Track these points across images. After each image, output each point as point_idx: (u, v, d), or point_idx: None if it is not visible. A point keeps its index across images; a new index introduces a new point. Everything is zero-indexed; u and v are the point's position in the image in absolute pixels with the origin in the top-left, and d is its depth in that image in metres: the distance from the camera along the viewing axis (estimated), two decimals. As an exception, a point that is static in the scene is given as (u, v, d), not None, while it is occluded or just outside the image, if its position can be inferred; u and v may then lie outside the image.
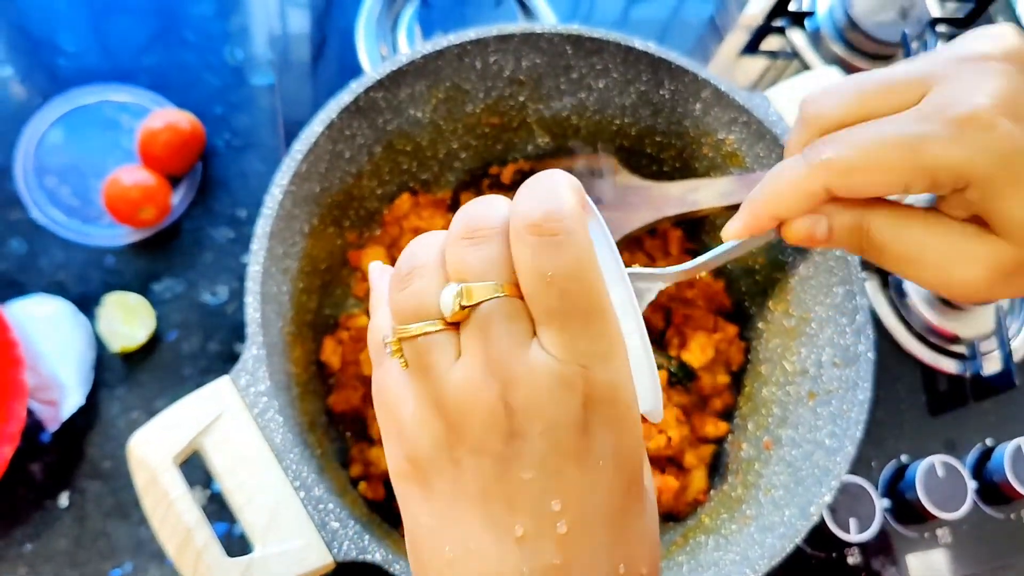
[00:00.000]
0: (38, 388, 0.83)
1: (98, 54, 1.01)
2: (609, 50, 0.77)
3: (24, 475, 0.82)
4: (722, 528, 0.75)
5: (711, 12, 1.16)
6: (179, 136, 0.92)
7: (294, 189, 0.69)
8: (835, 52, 1.10)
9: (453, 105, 0.81)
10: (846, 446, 0.69)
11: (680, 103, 0.79)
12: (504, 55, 0.77)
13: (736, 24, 1.15)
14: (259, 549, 0.58)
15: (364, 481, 0.77)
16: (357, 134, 0.75)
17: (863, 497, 0.86)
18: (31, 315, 0.85)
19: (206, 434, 0.60)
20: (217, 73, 1.02)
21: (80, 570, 0.80)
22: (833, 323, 0.76)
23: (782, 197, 0.40)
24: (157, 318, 0.89)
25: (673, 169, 0.86)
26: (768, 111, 0.76)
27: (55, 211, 0.92)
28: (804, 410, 0.77)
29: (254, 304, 0.64)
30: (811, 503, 0.68)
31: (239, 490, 0.60)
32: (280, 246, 0.69)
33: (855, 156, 0.37)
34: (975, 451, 0.96)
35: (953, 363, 0.99)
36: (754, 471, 0.79)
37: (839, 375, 0.74)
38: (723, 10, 1.16)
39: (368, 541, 0.60)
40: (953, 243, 0.38)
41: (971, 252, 0.37)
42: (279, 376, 0.67)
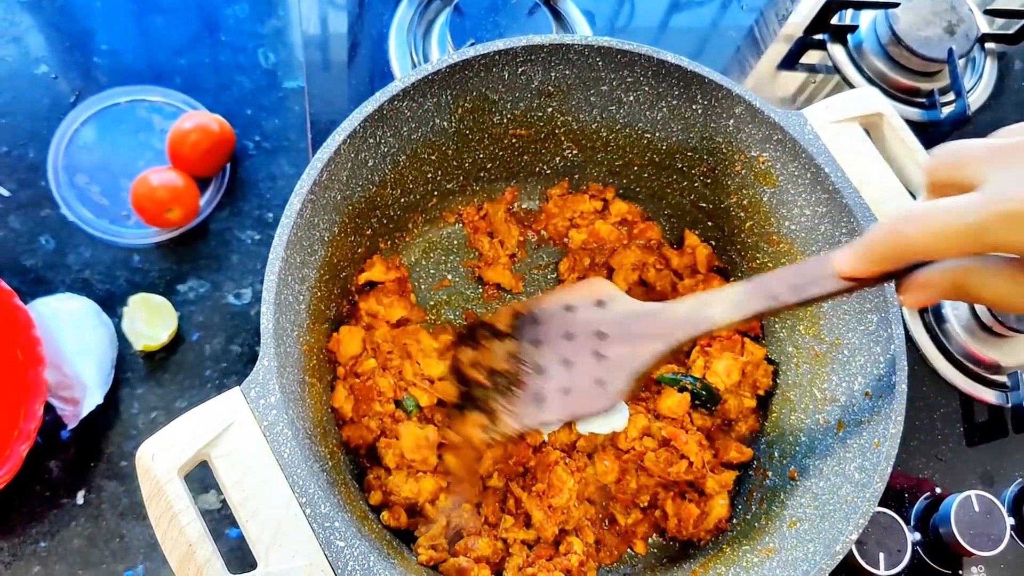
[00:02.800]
0: (59, 385, 0.83)
1: (133, 54, 1.02)
2: (640, 63, 0.75)
3: (42, 472, 0.83)
4: (743, 559, 0.73)
5: (751, 23, 1.13)
6: (208, 138, 0.92)
7: (314, 198, 0.68)
8: (878, 67, 1.06)
9: (480, 115, 0.79)
10: (875, 481, 0.66)
11: (712, 118, 0.77)
12: (533, 66, 0.75)
13: (776, 36, 1.12)
14: (262, 567, 0.57)
15: (386, 510, 0.76)
16: (381, 143, 0.74)
17: (894, 530, 0.83)
18: (56, 312, 0.85)
19: (213, 446, 0.59)
20: (249, 75, 1.02)
21: (93, 570, 0.80)
22: (866, 351, 0.73)
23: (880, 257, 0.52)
24: (181, 319, 0.89)
25: (704, 185, 0.84)
26: (804, 129, 0.73)
27: (84, 209, 0.92)
28: (833, 440, 0.74)
29: (268, 315, 0.63)
30: (837, 540, 0.65)
31: (244, 504, 0.59)
32: (298, 255, 0.68)
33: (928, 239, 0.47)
34: (1015, 486, 0.92)
35: (993, 393, 0.95)
36: (779, 501, 0.76)
37: (870, 406, 0.71)
38: (763, 22, 1.13)
39: (374, 561, 0.59)
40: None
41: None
42: (292, 387, 0.66)
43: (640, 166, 0.86)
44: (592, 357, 0.68)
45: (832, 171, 0.72)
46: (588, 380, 0.67)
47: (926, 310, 0.97)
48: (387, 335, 0.82)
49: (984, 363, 0.95)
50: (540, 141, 0.85)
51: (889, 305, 0.70)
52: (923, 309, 0.97)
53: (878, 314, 0.71)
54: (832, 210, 0.74)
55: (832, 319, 0.77)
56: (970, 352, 0.95)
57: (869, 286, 0.55)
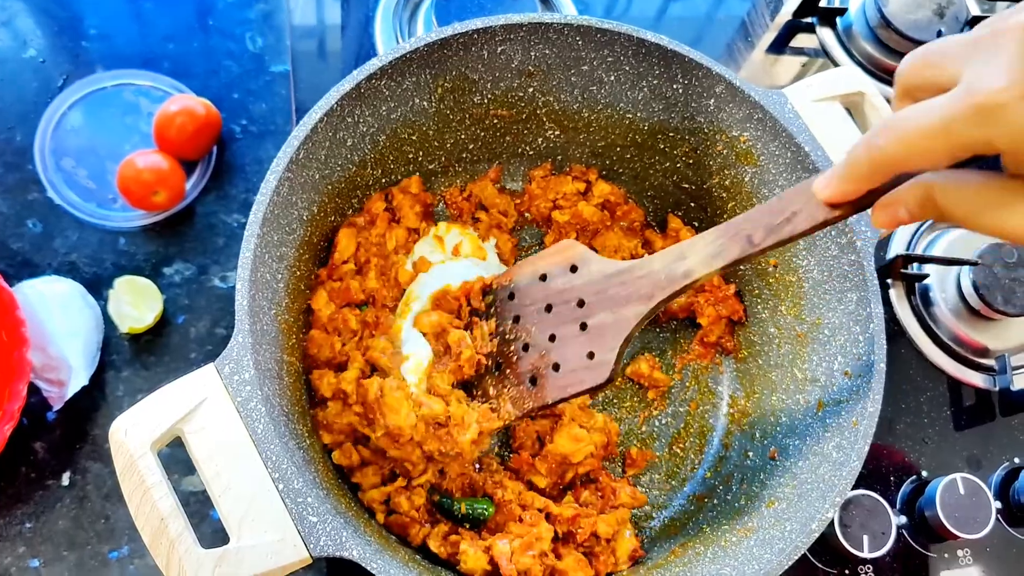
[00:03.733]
0: (45, 367, 0.83)
1: (122, 38, 1.02)
2: (620, 42, 0.74)
3: (27, 453, 0.83)
4: (722, 539, 0.72)
5: (743, 13, 1.13)
6: (194, 121, 0.92)
7: (291, 176, 0.68)
8: (867, 50, 1.06)
9: (460, 95, 0.79)
10: (852, 460, 0.66)
11: (693, 98, 0.77)
12: (512, 45, 0.75)
13: (769, 26, 1.11)
14: (234, 541, 0.58)
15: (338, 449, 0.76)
16: (359, 122, 0.74)
17: (878, 512, 0.83)
18: (42, 295, 0.86)
19: (187, 421, 0.60)
20: (237, 60, 1.02)
21: (78, 551, 0.80)
22: (846, 331, 0.73)
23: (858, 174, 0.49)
24: (166, 301, 0.90)
25: (686, 166, 0.84)
26: (785, 108, 0.73)
27: (71, 193, 0.93)
28: (813, 420, 0.74)
29: (243, 291, 0.63)
30: (813, 518, 0.65)
31: (217, 478, 0.59)
32: (275, 233, 0.68)
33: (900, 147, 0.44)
34: (1001, 470, 0.92)
35: (980, 376, 0.95)
36: (759, 481, 0.76)
37: (849, 385, 0.71)
38: (755, 11, 1.12)
39: (346, 537, 0.59)
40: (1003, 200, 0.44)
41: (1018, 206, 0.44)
42: (269, 364, 0.66)
43: (622, 147, 0.86)
44: (577, 328, 0.66)
45: (812, 150, 0.72)
46: (578, 354, 0.66)
47: (913, 293, 0.96)
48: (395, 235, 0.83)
49: (972, 346, 0.95)
50: (522, 122, 0.84)
51: (869, 284, 0.70)
52: (910, 293, 0.97)
53: (857, 293, 0.71)
54: (812, 189, 0.73)
55: (813, 299, 0.77)
56: (958, 336, 0.95)
57: (852, 212, 0.52)
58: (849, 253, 0.72)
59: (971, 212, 0.46)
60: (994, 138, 0.41)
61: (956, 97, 0.42)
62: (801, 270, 0.78)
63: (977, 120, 0.41)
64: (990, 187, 0.45)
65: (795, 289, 0.79)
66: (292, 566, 0.58)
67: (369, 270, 0.81)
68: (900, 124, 0.44)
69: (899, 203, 0.49)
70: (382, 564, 0.59)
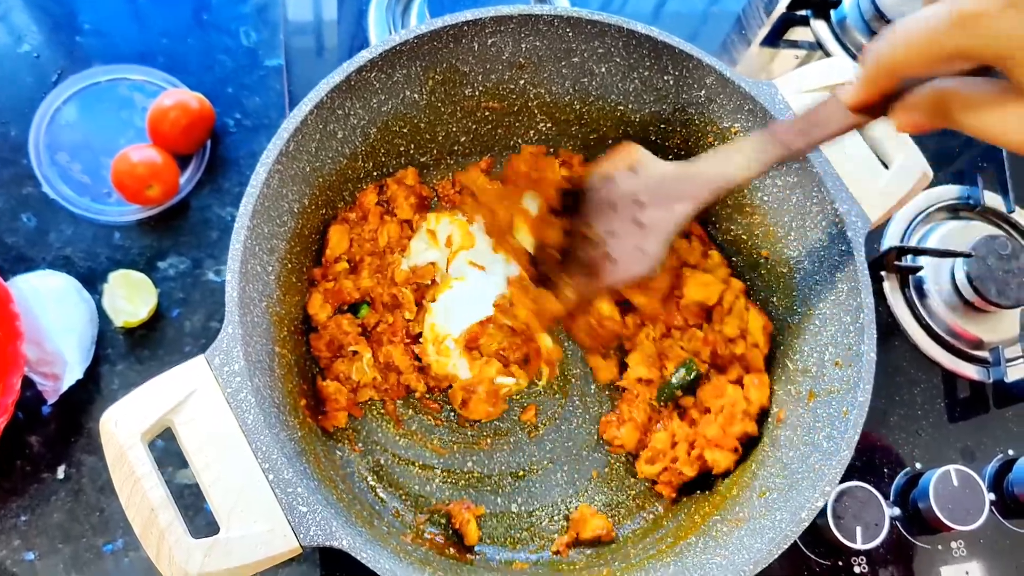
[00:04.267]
0: (40, 361, 0.84)
1: (116, 33, 1.02)
2: (611, 34, 0.75)
3: (23, 447, 0.83)
4: (713, 529, 0.73)
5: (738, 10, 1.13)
6: (188, 115, 0.92)
7: (281, 168, 0.68)
8: (861, 43, 1.06)
9: (451, 87, 0.79)
10: (842, 449, 0.66)
11: (684, 89, 0.77)
12: (503, 37, 0.75)
13: (764, 22, 1.11)
14: (224, 531, 0.58)
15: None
16: (350, 114, 0.74)
17: (872, 504, 0.83)
18: (36, 289, 0.86)
19: (177, 412, 0.60)
20: (231, 54, 1.02)
21: (73, 544, 0.81)
22: (836, 321, 0.73)
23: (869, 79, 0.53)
24: (161, 295, 0.90)
25: (677, 157, 0.84)
26: (775, 99, 0.73)
27: (65, 187, 0.93)
28: (804, 410, 0.74)
29: (233, 282, 0.63)
30: (803, 507, 0.65)
31: (207, 469, 0.59)
32: (266, 225, 0.68)
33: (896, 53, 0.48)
34: (995, 461, 0.92)
35: (975, 368, 0.95)
36: (750, 471, 0.76)
37: (840, 375, 0.71)
38: (749, 5, 1.12)
39: (336, 527, 0.59)
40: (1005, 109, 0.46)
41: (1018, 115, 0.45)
42: (260, 356, 0.66)
43: (614, 139, 0.86)
44: (632, 225, 0.71)
45: (802, 140, 0.72)
46: (630, 247, 0.72)
47: (907, 285, 0.96)
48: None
49: (966, 339, 0.95)
50: (513, 114, 0.85)
51: (859, 274, 0.70)
52: (904, 285, 0.97)
53: (848, 283, 0.71)
54: (803, 180, 0.73)
55: (804, 290, 0.77)
56: (952, 328, 0.95)
57: (874, 116, 0.56)
58: (839, 243, 0.72)
59: (975, 119, 0.48)
60: (977, 47, 0.43)
61: (942, 6, 0.44)
62: (792, 261, 0.78)
63: (959, 29, 0.43)
64: (994, 94, 0.46)
65: (786, 280, 0.79)
66: (282, 556, 0.58)
67: (363, 268, 0.82)
68: (896, 31, 0.47)
69: (914, 107, 0.51)
70: (372, 554, 0.59)
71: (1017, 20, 0.41)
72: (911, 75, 0.51)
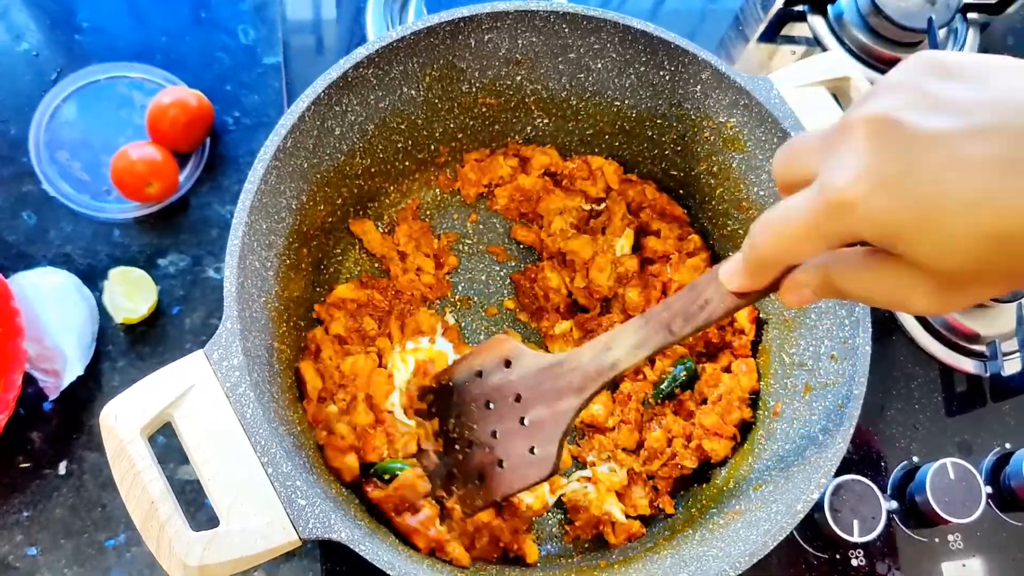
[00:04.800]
0: (41, 358, 0.84)
1: (115, 31, 1.02)
2: (606, 29, 0.75)
3: (24, 443, 0.84)
4: (709, 522, 0.73)
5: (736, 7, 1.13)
6: (187, 113, 0.93)
7: (279, 164, 0.68)
8: (858, 38, 1.06)
9: (448, 84, 0.79)
10: (838, 442, 0.66)
11: (680, 84, 0.77)
12: (499, 33, 0.76)
13: (762, 16, 1.11)
14: (224, 524, 0.58)
15: None
16: (348, 111, 0.74)
17: (868, 497, 0.83)
18: (37, 287, 0.86)
19: (176, 406, 0.60)
20: (230, 52, 1.03)
21: (75, 539, 0.81)
22: (832, 314, 0.73)
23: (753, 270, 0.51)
24: (161, 292, 0.90)
25: (674, 153, 0.84)
26: (771, 94, 0.74)
27: (65, 185, 0.93)
28: (800, 404, 0.74)
29: (231, 278, 0.63)
30: (799, 500, 0.65)
31: (207, 463, 0.60)
32: (264, 221, 0.69)
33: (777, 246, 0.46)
34: (992, 455, 0.92)
35: (972, 362, 0.95)
36: (747, 464, 0.77)
37: (836, 369, 0.71)
38: (746, 3, 1.12)
39: (335, 520, 0.60)
40: (894, 279, 0.43)
41: (908, 284, 0.43)
42: (259, 351, 0.67)
43: (611, 135, 0.87)
44: (517, 424, 0.68)
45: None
46: (520, 449, 0.68)
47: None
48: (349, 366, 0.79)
49: (963, 333, 0.95)
50: (510, 110, 0.85)
51: (854, 268, 0.70)
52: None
53: (843, 277, 0.71)
54: (799, 174, 0.74)
55: (800, 284, 0.77)
56: (949, 322, 0.95)
57: (762, 296, 0.54)
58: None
59: (866, 291, 0.46)
60: (855, 231, 0.41)
61: (812, 195, 0.42)
62: (788, 255, 0.78)
63: (834, 217, 0.41)
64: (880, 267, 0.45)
65: (783, 274, 0.79)
66: (281, 548, 0.59)
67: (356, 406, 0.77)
68: (771, 224, 0.46)
69: (801, 286, 0.49)
70: (371, 546, 0.60)
71: (889, 200, 0.39)
72: (794, 263, 0.49)
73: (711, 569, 0.64)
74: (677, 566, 0.68)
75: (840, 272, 0.47)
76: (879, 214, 0.40)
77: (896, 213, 0.39)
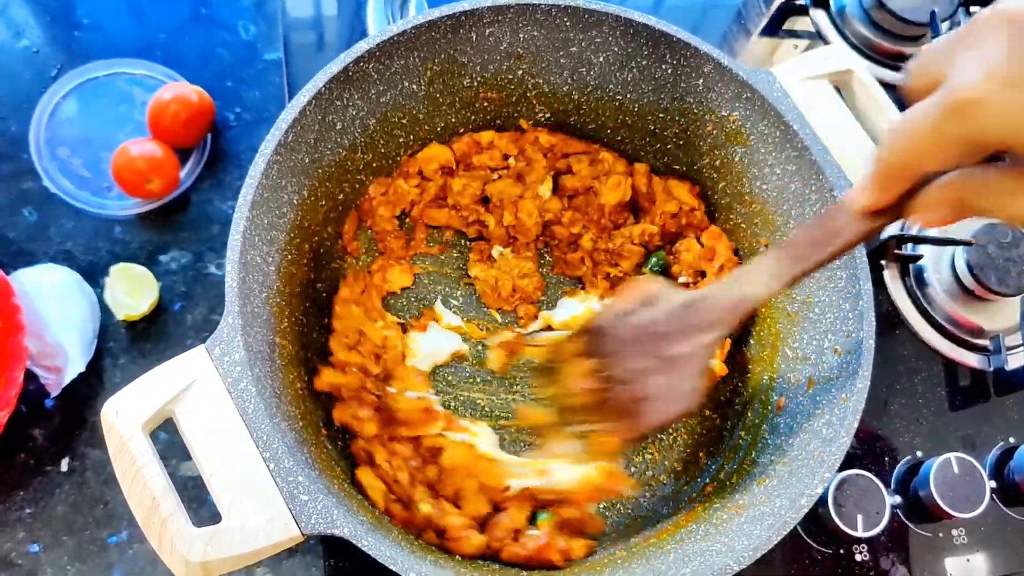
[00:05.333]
0: (42, 355, 0.84)
1: (114, 27, 1.02)
2: (608, 23, 0.75)
3: (26, 440, 0.83)
4: (713, 517, 0.73)
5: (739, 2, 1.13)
6: (188, 109, 0.92)
7: (280, 159, 0.68)
8: (861, 32, 1.05)
9: (449, 78, 0.79)
10: (842, 436, 0.66)
11: (682, 78, 0.77)
12: (500, 27, 0.75)
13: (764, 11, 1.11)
14: (225, 520, 0.58)
15: None
16: (349, 105, 0.74)
17: (872, 492, 0.83)
18: (38, 283, 0.86)
19: (178, 402, 0.60)
20: (230, 48, 1.02)
21: (77, 536, 0.81)
22: (835, 308, 0.73)
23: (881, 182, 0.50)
24: (162, 289, 0.90)
25: (676, 147, 0.84)
26: (773, 87, 0.73)
27: (66, 181, 0.93)
28: (804, 398, 0.74)
29: (232, 273, 0.63)
30: (803, 494, 0.65)
31: (208, 459, 0.59)
32: (265, 216, 0.69)
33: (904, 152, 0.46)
34: (996, 449, 0.92)
35: (975, 357, 0.95)
36: (750, 459, 0.76)
37: (839, 362, 0.71)
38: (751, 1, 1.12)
39: (337, 515, 0.59)
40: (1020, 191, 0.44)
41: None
42: (260, 346, 0.67)
43: (613, 129, 0.86)
44: (660, 361, 0.69)
45: (801, 128, 0.72)
46: (663, 385, 0.69)
47: (907, 274, 0.96)
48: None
49: (966, 327, 0.95)
50: (512, 105, 0.85)
51: (857, 261, 0.70)
52: (904, 274, 0.97)
53: (847, 270, 0.71)
54: (802, 168, 0.74)
55: (804, 278, 0.77)
56: (952, 316, 0.95)
57: (893, 218, 0.53)
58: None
59: (1000, 206, 0.45)
60: (983, 134, 0.40)
61: (939, 97, 0.42)
62: (791, 249, 0.78)
63: (960, 118, 0.41)
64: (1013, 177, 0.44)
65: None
66: (283, 544, 0.59)
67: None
68: (899, 129, 0.45)
69: (937, 204, 0.48)
70: (373, 541, 0.60)
71: (1018, 101, 0.39)
72: (923, 172, 0.48)
73: (715, 564, 0.64)
74: (680, 561, 0.68)
75: (972, 185, 0.46)
76: (1008, 115, 0.39)
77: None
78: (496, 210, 0.88)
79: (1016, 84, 0.38)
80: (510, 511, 0.77)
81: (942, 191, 0.48)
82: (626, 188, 0.87)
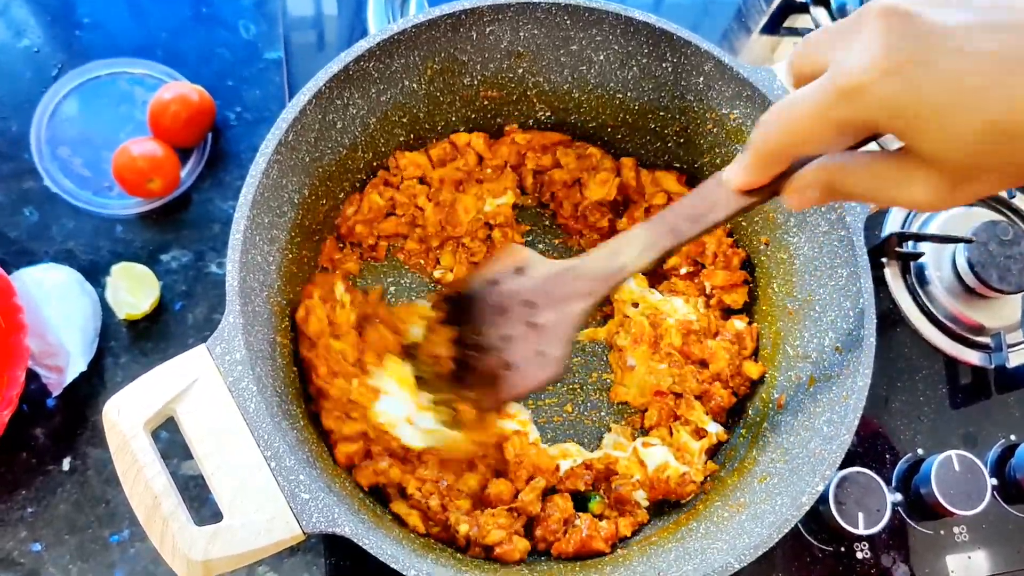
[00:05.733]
0: (43, 354, 0.84)
1: (115, 27, 1.02)
2: (608, 21, 0.75)
3: (28, 439, 0.84)
4: (714, 515, 0.73)
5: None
6: (188, 108, 0.92)
7: (280, 158, 0.68)
8: (862, 28, 1.05)
9: (450, 76, 0.79)
10: (842, 434, 0.66)
11: (683, 76, 0.77)
12: (500, 25, 0.75)
13: (765, 9, 1.11)
14: (227, 519, 0.58)
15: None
16: (349, 104, 0.74)
17: (873, 489, 0.83)
18: (39, 283, 0.86)
19: (179, 401, 0.60)
20: (230, 47, 1.02)
21: (79, 535, 0.81)
22: (836, 306, 0.73)
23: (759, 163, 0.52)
24: (163, 288, 0.90)
25: (677, 145, 0.84)
26: (774, 85, 0.73)
27: (67, 181, 0.93)
28: (804, 396, 0.74)
29: (233, 272, 0.63)
30: (804, 492, 0.65)
31: (210, 457, 0.59)
32: (266, 215, 0.69)
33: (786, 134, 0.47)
34: (997, 447, 0.92)
35: (976, 354, 0.95)
36: (751, 457, 0.76)
37: (840, 360, 0.71)
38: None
39: (339, 514, 0.59)
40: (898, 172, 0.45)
41: (911, 177, 0.45)
42: (261, 345, 0.67)
43: (613, 127, 0.87)
44: (527, 328, 0.70)
45: (801, 126, 0.72)
46: (529, 352, 0.69)
47: (908, 272, 0.96)
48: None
49: (967, 324, 0.95)
50: (512, 103, 0.85)
51: (858, 259, 0.70)
52: (905, 271, 0.97)
53: (848, 268, 0.71)
54: (802, 166, 0.73)
55: (804, 276, 0.77)
56: (953, 314, 0.95)
57: (766, 197, 0.55)
58: (839, 229, 0.72)
59: (869, 190, 0.48)
60: (866, 118, 0.42)
61: (824, 82, 0.44)
62: (792, 247, 0.78)
63: (844, 102, 0.42)
64: (883, 164, 0.46)
65: (786, 267, 0.79)
66: (284, 542, 0.59)
67: None
68: (783, 112, 0.47)
69: (805, 187, 0.51)
70: (374, 540, 0.60)
71: (899, 86, 0.41)
72: (801, 155, 0.50)
73: (716, 562, 0.64)
74: (682, 559, 0.68)
75: (843, 170, 0.49)
76: (888, 100, 0.41)
77: (904, 99, 0.41)
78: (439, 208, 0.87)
79: (895, 71, 0.40)
80: (556, 501, 0.77)
81: (815, 174, 0.50)
82: (612, 186, 0.87)
